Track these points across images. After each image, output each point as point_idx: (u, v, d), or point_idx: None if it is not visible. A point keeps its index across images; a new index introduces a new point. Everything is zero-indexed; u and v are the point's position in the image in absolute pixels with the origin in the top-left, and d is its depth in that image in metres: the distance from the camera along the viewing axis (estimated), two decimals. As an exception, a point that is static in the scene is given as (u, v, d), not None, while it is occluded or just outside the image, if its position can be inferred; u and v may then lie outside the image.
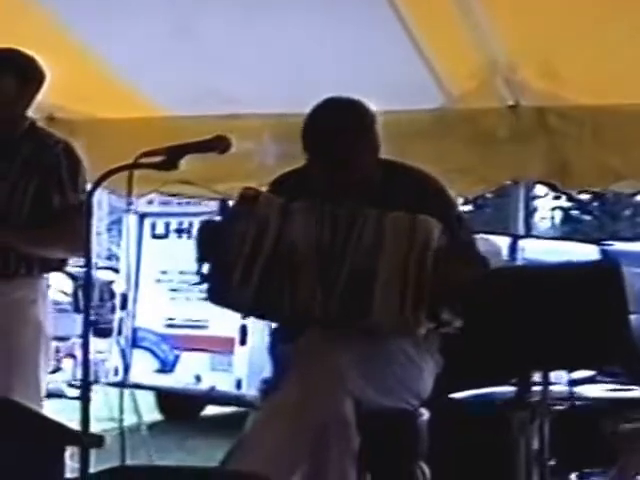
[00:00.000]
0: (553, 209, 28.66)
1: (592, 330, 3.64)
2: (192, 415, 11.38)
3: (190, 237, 10.53)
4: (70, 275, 12.12)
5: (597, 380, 4.80)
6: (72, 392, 10.95)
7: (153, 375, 10.50)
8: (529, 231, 15.78)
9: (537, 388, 3.88)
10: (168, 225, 10.76)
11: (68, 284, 13.36)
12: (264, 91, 4.85)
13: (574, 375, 4.48)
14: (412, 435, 3.36)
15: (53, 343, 4.23)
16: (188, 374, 10.32)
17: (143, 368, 10.27)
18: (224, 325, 9.59)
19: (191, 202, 9.46)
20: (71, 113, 5.28)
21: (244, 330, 9.74)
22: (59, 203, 3.94)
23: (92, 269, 3.06)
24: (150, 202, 9.99)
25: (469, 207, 23.45)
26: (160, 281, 10.66)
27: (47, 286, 4.06)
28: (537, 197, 26.31)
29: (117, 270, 13.18)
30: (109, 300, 13.67)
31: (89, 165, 4.04)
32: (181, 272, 10.47)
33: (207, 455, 6.98)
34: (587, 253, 9.52)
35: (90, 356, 2.98)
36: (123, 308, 10.77)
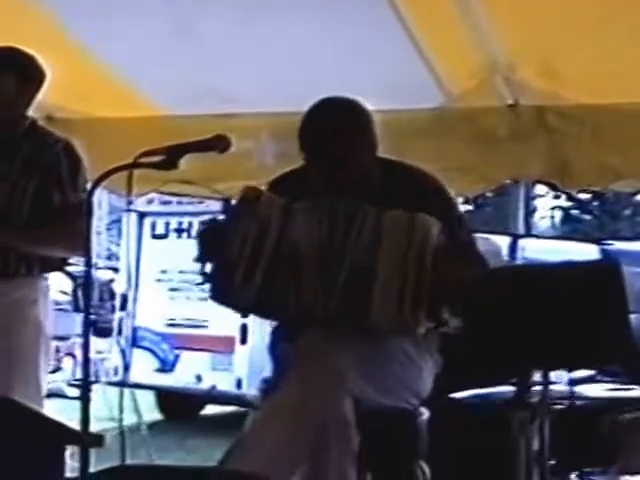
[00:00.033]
0: (553, 208, 28.66)
1: (592, 330, 3.63)
2: (192, 415, 11.38)
3: (190, 237, 10.52)
4: (70, 275, 12.11)
5: (597, 380, 4.80)
6: (72, 392, 10.95)
7: (153, 374, 10.50)
8: (529, 230, 15.79)
9: (537, 388, 3.88)
10: (168, 224, 10.76)
11: (68, 284, 13.35)
12: (264, 91, 4.85)
13: (574, 375, 4.48)
14: (412, 434, 3.36)
15: (53, 342, 4.22)
16: (188, 373, 10.32)
17: (143, 367, 10.28)
18: (224, 324, 9.58)
19: (191, 201, 9.47)
20: (70, 113, 5.27)
21: (244, 329, 9.73)
22: (59, 202, 3.93)
23: (92, 269, 3.06)
24: (150, 201, 9.99)
25: (469, 206, 23.46)
26: (160, 280, 10.66)
27: (47, 286, 4.06)
28: (537, 196, 26.30)
29: (117, 270, 13.18)
30: (109, 300, 13.67)
31: (88, 164, 4.03)
32: (181, 271, 10.47)
33: (207, 454, 6.98)
34: (587, 253, 9.52)
35: (90, 356, 2.98)
36: (123, 308, 10.77)
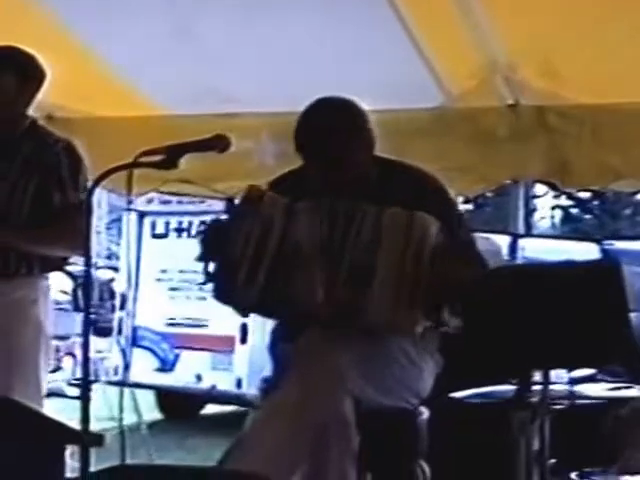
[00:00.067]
0: (553, 208, 28.63)
1: (592, 329, 3.63)
2: (192, 414, 11.38)
3: (190, 236, 10.52)
4: (70, 274, 12.11)
5: (597, 379, 4.80)
6: (72, 391, 10.95)
7: (153, 374, 10.50)
8: (529, 230, 15.79)
9: (537, 387, 3.88)
10: (168, 224, 10.75)
11: (68, 283, 13.35)
12: (264, 91, 4.85)
13: (574, 374, 4.48)
14: (412, 434, 3.36)
15: (53, 342, 4.22)
16: (188, 373, 10.32)
17: (143, 367, 10.27)
18: (224, 324, 9.58)
19: (191, 201, 9.46)
20: (71, 112, 5.27)
21: (244, 329, 9.73)
22: (59, 202, 3.93)
23: (91, 268, 3.05)
24: (150, 201, 9.98)
25: (469, 206, 23.45)
26: (160, 280, 10.65)
27: (48, 286, 4.06)
28: (537, 196, 26.28)
29: (117, 269, 13.18)
30: (109, 299, 13.66)
31: (88, 164, 4.03)
32: (181, 271, 10.47)
33: (207, 454, 6.98)
34: (587, 252, 9.51)
35: (90, 355, 2.98)
36: (123, 307, 10.77)
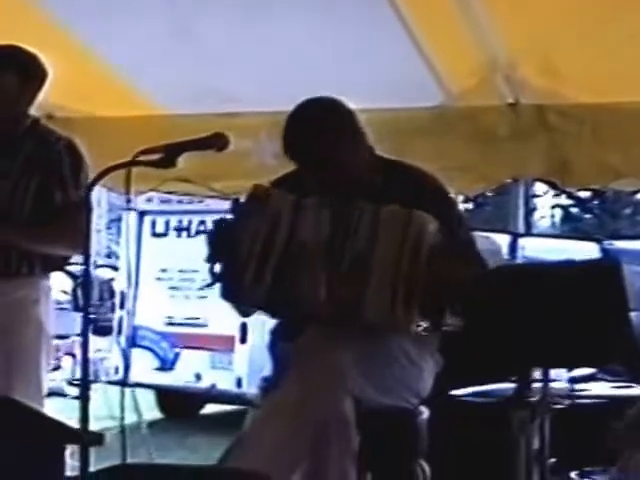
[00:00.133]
0: (553, 207, 28.62)
1: (592, 328, 3.63)
2: (192, 413, 11.38)
3: (190, 235, 10.53)
4: (69, 273, 12.12)
5: (597, 378, 4.80)
6: (72, 391, 10.95)
7: (153, 373, 10.50)
8: (529, 229, 15.79)
9: (537, 386, 3.88)
10: (168, 223, 10.76)
11: (67, 283, 13.35)
12: (263, 90, 4.85)
13: (574, 373, 4.48)
14: (412, 434, 3.36)
15: (53, 342, 4.22)
16: (188, 372, 10.32)
17: (143, 366, 10.27)
18: (224, 323, 9.58)
19: (191, 200, 9.46)
20: (71, 112, 5.27)
21: (244, 328, 9.73)
22: (61, 200, 3.94)
23: (91, 267, 3.05)
24: (149, 200, 9.99)
25: (469, 205, 23.45)
26: (160, 279, 10.66)
27: (49, 285, 4.06)
28: (537, 195, 26.27)
29: (116, 268, 13.17)
30: (109, 299, 13.66)
31: (89, 163, 4.03)
32: (181, 270, 10.47)
33: (207, 453, 6.97)
34: (587, 251, 9.52)
35: (89, 355, 2.98)
36: (123, 306, 10.77)
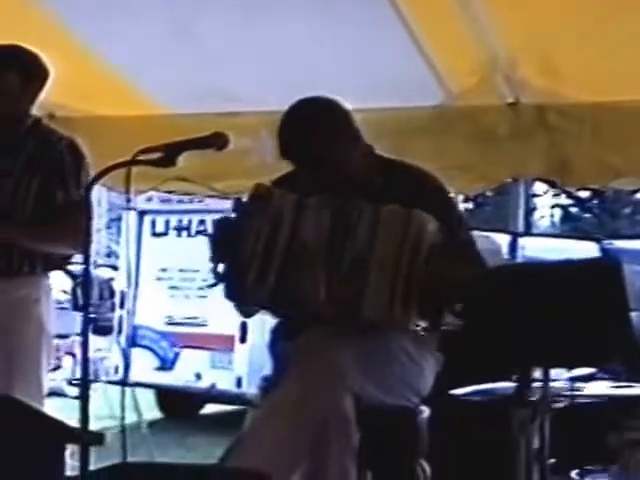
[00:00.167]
0: (552, 207, 28.62)
1: (593, 327, 3.62)
2: (192, 413, 11.39)
3: (190, 235, 10.54)
4: (69, 273, 12.12)
5: (598, 378, 4.80)
6: (72, 390, 10.95)
7: (153, 373, 10.50)
8: (529, 229, 15.78)
9: (538, 385, 3.88)
10: (168, 223, 10.76)
11: (67, 282, 13.36)
12: (264, 90, 4.85)
13: (574, 372, 4.48)
14: (412, 433, 3.36)
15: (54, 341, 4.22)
16: (188, 372, 10.32)
17: (143, 366, 10.27)
18: (224, 323, 9.58)
19: (191, 199, 9.47)
20: (72, 111, 5.27)
21: (244, 328, 9.73)
22: (62, 199, 3.94)
23: (90, 267, 3.05)
24: (149, 199, 9.99)
25: (469, 205, 23.46)
26: (160, 279, 10.66)
27: (50, 284, 4.06)
28: (536, 195, 26.27)
29: (116, 268, 13.18)
30: (108, 298, 13.67)
31: (89, 163, 4.04)
32: (181, 270, 10.47)
33: (207, 453, 6.97)
34: (587, 251, 9.51)
35: (89, 354, 2.98)
36: (123, 306, 10.77)
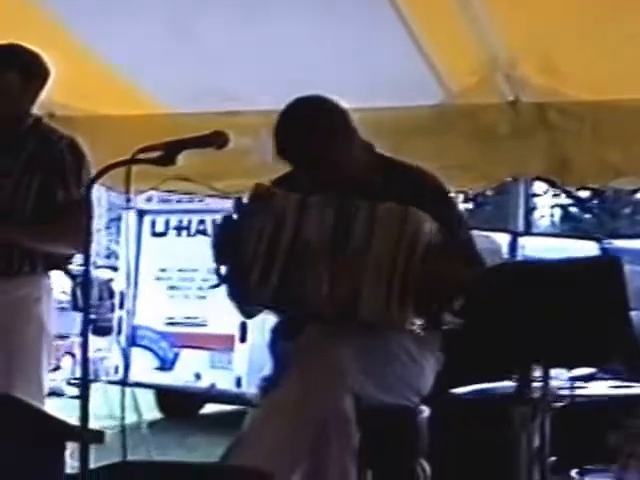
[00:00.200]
0: (552, 207, 28.62)
1: (593, 327, 3.62)
2: (192, 413, 11.39)
3: (189, 234, 10.54)
4: (69, 273, 12.12)
5: (598, 377, 4.80)
6: (71, 390, 10.96)
7: (153, 373, 10.50)
8: (529, 229, 15.77)
9: (538, 384, 3.88)
10: (167, 222, 10.76)
11: (67, 283, 13.36)
12: (264, 89, 4.84)
13: (575, 372, 4.47)
14: (413, 432, 3.36)
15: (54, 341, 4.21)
16: (188, 372, 10.32)
17: (143, 366, 10.28)
18: (224, 323, 9.58)
19: (191, 199, 9.47)
20: (72, 111, 5.27)
21: (244, 328, 9.73)
22: (63, 199, 3.94)
23: (90, 267, 3.04)
24: (149, 199, 10.00)
25: (469, 205, 23.46)
26: (159, 279, 10.66)
27: (50, 284, 4.05)
28: (536, 195, 26.27)
29: (116, 269, 13.18)
30: (108, 298, 13.68)
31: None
32: (180, 270, 10.47)
33: (207, 452, 6.98)
34: (587, 251, 9.50)
35: (89, 355, 2.97)
36: (122, 306, 10.77)
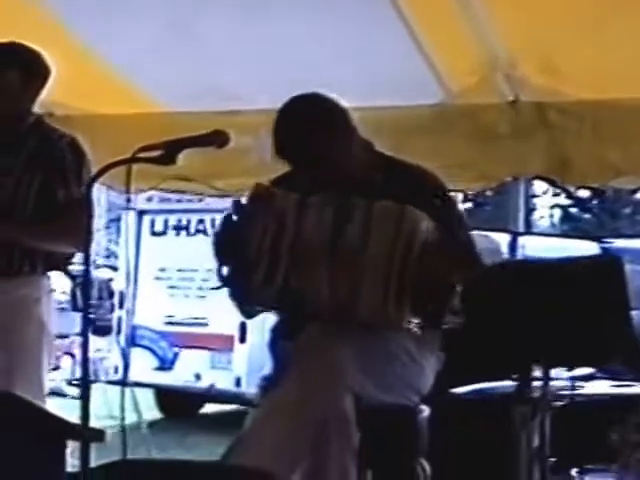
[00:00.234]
0: (552, 207, 28.61)
1: (593, 326, 3.62)
2: (191, 413, 11.39)
3: (189, 234, 10.54)
4: (68, 274, 12.12)
5: (598, 377, 4.79)
6: (71, 390, 10.95)
7: (152, 373, 10.51)
8: (529, 229, 15.78)
9: (538, 383, 3.88)
10: (167, 222, 10.76)
11: (66, 283, 13.36)
12: (264, 88, 4.84)
13: (575, 372, 4.47)
14: (413, 432, 3.35)
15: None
16: (187, 372, 10.33)
17: (142, 366, 10.27)
18: (224, 322, 9.58)
19: (190, 199, 9.46)
20: (71, 110, 5.27)
21: (243, 328, 9.73)
22: (63, 198, 3.93)
23: (90, 267, 3.04)
24: (149, 199, 9.99)
25: (469, 205, 23.46)
26: (159, 279, 10.66)
27: (50, 284, 4.05)
28: (536, 195, 26.26)
29: (116, 268, 13.18)
30: (108, 298, 13.68)
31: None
32: (180, 269, 10.47)
33: (207, 452, 6.99)
34: (587, 250, 9.51)
35: (89, 355, 2.97)
36: (122, 306, 10.77)
